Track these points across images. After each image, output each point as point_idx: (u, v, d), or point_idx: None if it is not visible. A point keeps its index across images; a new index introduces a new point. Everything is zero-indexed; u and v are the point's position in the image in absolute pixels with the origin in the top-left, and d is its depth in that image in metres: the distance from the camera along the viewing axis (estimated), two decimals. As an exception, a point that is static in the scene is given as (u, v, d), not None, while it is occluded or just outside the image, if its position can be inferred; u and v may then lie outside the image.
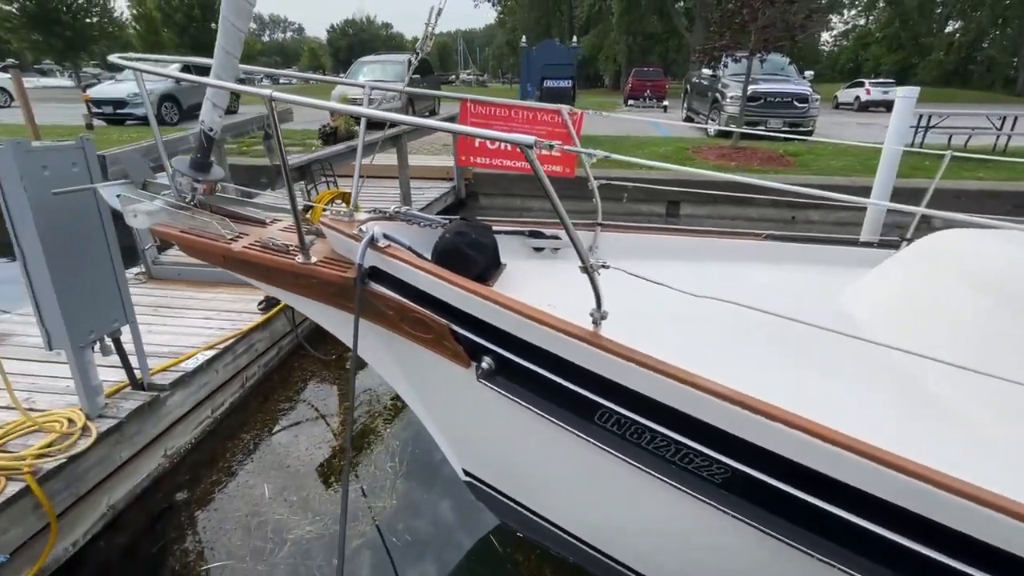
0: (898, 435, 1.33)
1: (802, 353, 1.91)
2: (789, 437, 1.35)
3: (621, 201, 3.81)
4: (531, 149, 1.43)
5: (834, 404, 1.66)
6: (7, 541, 2.23)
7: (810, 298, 2.38)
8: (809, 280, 2.58)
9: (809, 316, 1.61)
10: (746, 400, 1.41)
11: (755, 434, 1.42)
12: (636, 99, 22.14)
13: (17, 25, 27.97)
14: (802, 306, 2.29)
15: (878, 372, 1.83)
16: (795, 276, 2.63)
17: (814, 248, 2.82)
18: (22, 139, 2.37)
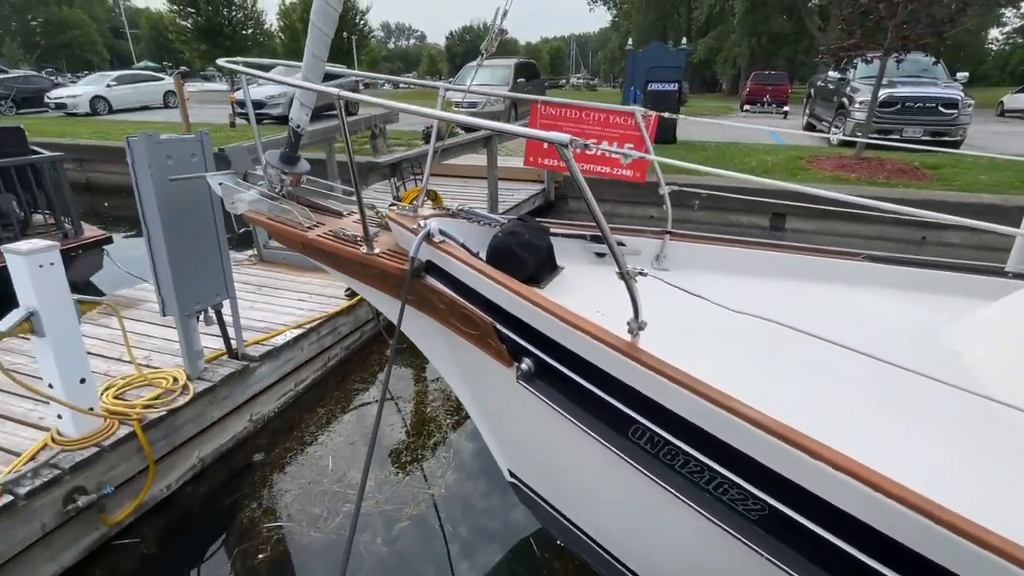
0: (991, 501, 1.11)
1: (881, 391, 1.67)
2: (844, 486, 1.18)
3: (693, 209, 3.58)
4: (566, 148, 1.39)
5: (916, 456, 1.44)
6: (114, 475, 2.60)
7: (906, 330, 2.08)
8: (910, 310, 2.25)
9: (902, 351, 1.40)
10: (790, 434, 1.27)
11: (800, 474, 1.27)
12: (754, 104, 20.77)
13: (190, 38, 32.57)
14: (894, 338, 2.02)
15: (986, 428, 1.55)
16: (894, 304, 2.31)
17: (924, 274, 2.45)
18: (152, 132, 2.74)
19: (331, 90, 1.83)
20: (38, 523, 2.30)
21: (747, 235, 7.26)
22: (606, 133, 2.59)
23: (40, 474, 2.32)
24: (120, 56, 53.70)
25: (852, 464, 1.17)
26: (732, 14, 31.43)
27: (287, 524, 2.82)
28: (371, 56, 41.52)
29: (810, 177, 7.99)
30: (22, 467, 2.35)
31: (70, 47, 50.55)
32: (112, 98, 18.62)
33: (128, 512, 2.67)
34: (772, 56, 36.25)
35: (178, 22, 32.66)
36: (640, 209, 7.51)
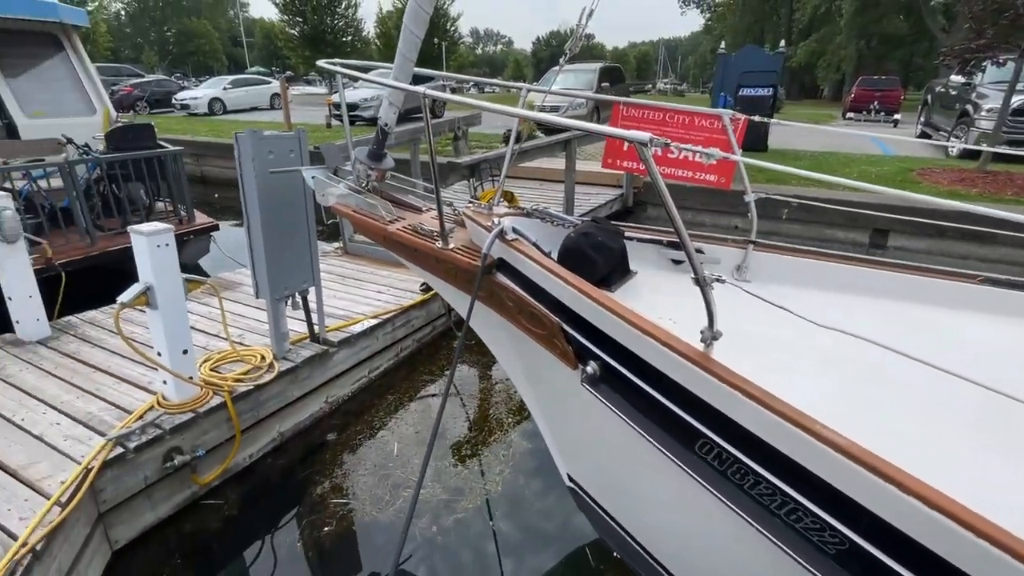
0: None
1: (991, 426, 1.49)
2: (938, 527, 1.06)
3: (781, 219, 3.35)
4: (645, 147, 1.35)
5: None
6: (206, 440, 2.85)
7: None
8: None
9: (1019, 385, 1.24)
10: (878, 463, 1.16)
11: (888, 509, 1.15)
12: (859, 111, 19.18)
13: (296, 44, 35.19)
14: (1011, 370, 1.78)
15: None
16: (1018, 333, 2.05)
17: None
18: (257, 129, 2.98)
19: (417, 89, 1.90)
20: (142, 475, 2.56)
21: (842, 251, 6.71)
22: (690, 136, 2.50)
23: (146, 432, 2.59)
24: (236, 62, 59.06)
25: (948, 503, 1.04)
26: (839, 15, 29.25)
27: (352, 502, 2.96)
28: (459, 61, 42.78)
29: (920, 191, 7.26)
30: (132, 424, 2.63)
31: (196, 54, 56.27)
32: (227, 100, 20.52)
33: (216, 475, 2.91)
34: (883, 59, 33.34)
35: (287, 30, 35.43)
36: (724, 219, 7.18)
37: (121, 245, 4.89)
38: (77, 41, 6.21)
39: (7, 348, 3.43)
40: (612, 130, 1.46)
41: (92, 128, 5.97)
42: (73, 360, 3.30)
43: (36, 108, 5.80)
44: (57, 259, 4.22)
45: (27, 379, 3.08)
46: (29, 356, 3.34)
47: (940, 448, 1.45)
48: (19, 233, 3.34)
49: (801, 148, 10.71)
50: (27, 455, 2.44)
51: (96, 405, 2.83)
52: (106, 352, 3.41)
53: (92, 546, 2.33)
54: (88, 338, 3.59)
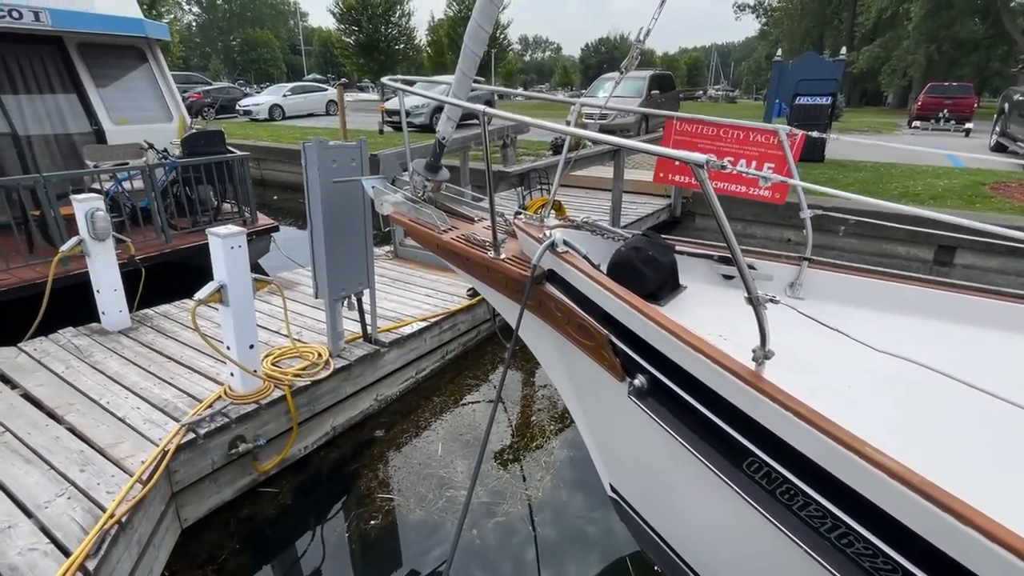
0: None
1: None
2: (1000, 562, 1.05)
3: (838, 236, 3.25)
4: (702, 168, 1.38)
5: None
6: (266, 431, 3.04)
7: None
8: None
9: None
10: (934, 492, 1.15)
11: (946, 541, 1.14)
12: (926, 120, 18.17)
13: (351, 52, 36.46)
14: None
15: None
16: None
17: None
18: (323, 138, 3.17)
19: (477, 107, 2.00)
20: (209, 460, 2.76)
21: (904, 269, 6.40)
22: (744, 151, 2.49)
23: (215, 420, 2.79)
24: (294, 69, 61.69)
25: (1009, 535, 1.03)
26: (907, 18, 27.82)
27: (397, 498, 3.08)
28: (507, 68, 43.26)
29: (993, 207, 6.85)
30: (202, 412, 2.84)
31: (258, 62, 59.14)
32: (286, 106, 21.49)
33: (274, 464, 3.10)
34: (955, 65, 31.49)
35: (343, 39, 36.79)
36: (776, 231, 6.99)
37: (191, 243, 5.25)
38: (159, 53, 6.71)
39: (94, 336, 3.75)
40: (669, 151, 1.50)
41: (169, 134, 6.43)
42: (150, 350, 3.58)
43: (121, 115, 6.31)
44: (137, 255, 4.57)
45: (111, 365, 3.37)
46: (113, 344, 3.64)
47: (1003, 479, 1.41)
48: (109, 232, 3.66)
49: (861, 159, 10.29)
50: (112, 435, 2.68)
51: (170, 392, 3.07)
52: (179, 344, 3.68)
53: (166, 522, 2.54)
54: (163, 330, 3.88)
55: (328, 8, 36.89)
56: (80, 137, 6.09)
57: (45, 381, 3.18)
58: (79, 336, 3.76)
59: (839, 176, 8.65)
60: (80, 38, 6.00)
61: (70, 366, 3.36)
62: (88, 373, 3.28)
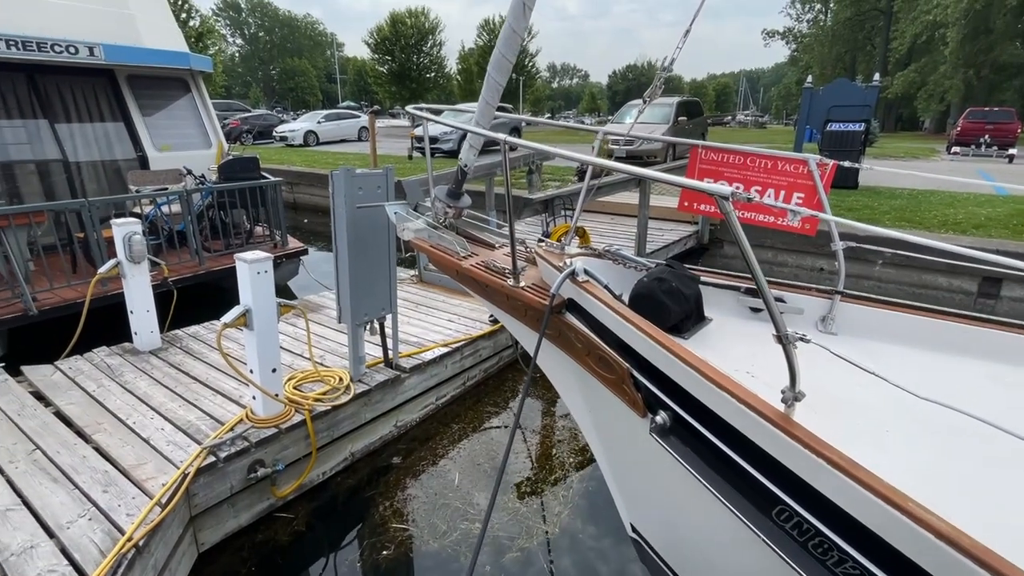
0: None
1: None
2: None
3: (874, 266, 3.12)
4: (727, 200, 1.34)
5: None
6: (286, 455, 3.04)
7: None
8: None
9: None
10: (987, 556, 1.06)
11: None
12: (966, 145, 17.66)
13: (384, 81, 37.74)
14: None
15: None
16: None
17: None
18: (351, 167, 3.23)
19: (498, 136, 2.00)
20: (228, 484, 2.77)
21: (946, 302, 6.14)
22: (772, 181, 2.43)
23: (235, 443, 2.80)
24: (329, 97, 64.05)
25: None
26: (943, 43, 27.32)
27: (412, 528, 3.02)
28: (535, 95, 44.01)
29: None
30: (224, 435, 2.86)
31: (295, 91, 61.67)
32: (320, 132, 22.23)
33: (292, 489, 3.09)
34: (995, 90, 30.66)
35: (377, 68, 38.15)
36: (808, 260, 6.80)
37: (223, 266, 5.40)
38: (202, 84, 7.05)
39: (126, 356, 3.85)
40: (693, 183, 1.47)
41: (208, 160, 6.70)
42: (178, 371, 3.65)
43: (164, 142, 6.60)
44: (171, 276, 4.72)
45: (140, 385, 3.44)
46: (143, 364, 3.74)
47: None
48: (144, 255, 3.79)
49: (896, 186, 10.00)
50: (136, 456, 2.71)
51: (194, 414, 3.11)
52: (205, 365, 3.74)
53: (183, 547, 2.54)
54: (191, 351, 3.97)
55: (363, 39, 38.50)
56: (125, 163, 6.39)
57: (77, 400, 3.27)
58: (112, 355, 3.86)
59: (874, 204, 8.41)
60: (130, 70, 6.35)
61: (101, 385, 3.45)
62: (118, 393, 3.35)
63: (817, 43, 38.59)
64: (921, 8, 27.70)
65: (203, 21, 33.60)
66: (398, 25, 35.82)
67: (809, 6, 40.35)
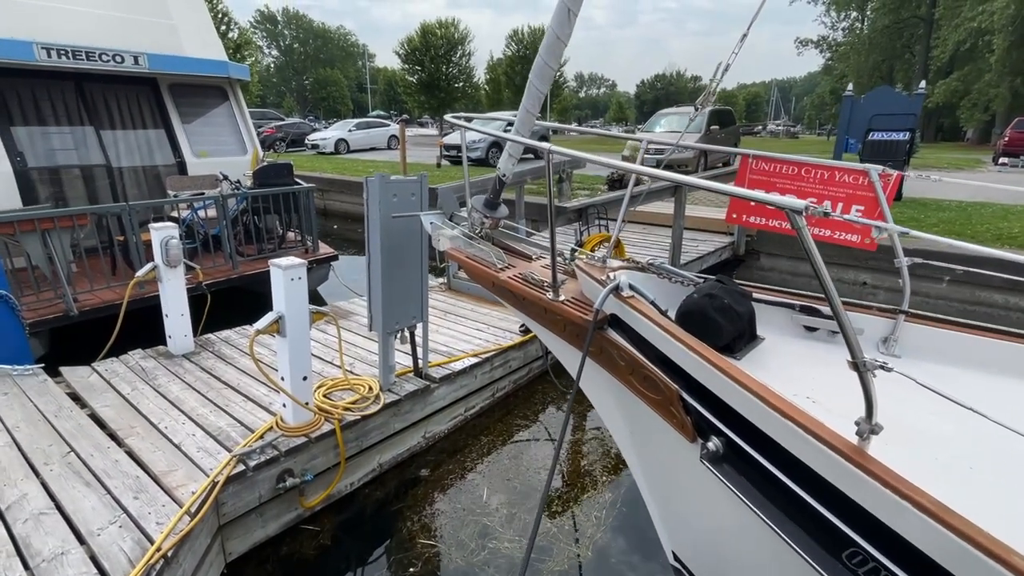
0: None
1: None
2: None
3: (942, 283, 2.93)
4: (800, 215, 1.23)
5: None
6: (314, 465, 2.99)
7: None
8: None
9: None
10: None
11: None
12: (1015, 155, 16.95)
13: (413, 90, 38.22)
14: None
15: None
16: None
17: None
18: (385, 173, 3.20)
19: (543, 145, 1.93)
20: (257, 493, 2.73)
21: (1003, 320, 5.80)
22: (829, 193, 2.29)
23: (265, 452, 2.77)
24: (360, 106, 65.31)
25: None
26: (989, 50, 26.32)
27: (439, 545, 2.94)
28: (562, 104, 44.03)
29: (1106, 253, 6.13)
30: (253, 443, 2.83)
31: (327, 100, 63.07)
32: (351, 140, 22.62)
33: (320, 500, 3.04)
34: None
35: (407, 78, 38.68)
36: (850, 273, 6.53)
37: (256, 270, 5.45)
38: (239, 92, 7.19)
39: (160, 359, 3.89)
40: (766, 196, 1.36)
41: (243, 166, 6.81)
42: (210, 375, 3.66)
43: (202, 148, 6.74)
44: (205, 280, 4.77)
45: (172, 389, 3.46)
46: (176, 368, 3.76)
47: None
48: (180, 259, 3.83)
49: (942, 198, 9.59)
50: (167, 462, 2.70)
51: (225, 420, 3.09)
52: (237, 371, 3.74)
53: (210, 556, 2.50)
54: (223, 356, 3.98)
55: (394, 50, 39.12)
56: (165, 168, 6.54)
57: (111, 402, 3.29)
58: (146, 358, 3.90)
59: (920, 216, 8.06)
60: (172, 79, 6.51)
61: (136, 387, 3.47)
62: (151, 396, 3.37)
63: (853, 52, 37.62)
64: (965, 15, 26.78)
65: (241, 33, 34.64)
66: (428, 36, 36.29)
67: (845, 14, 39.43)
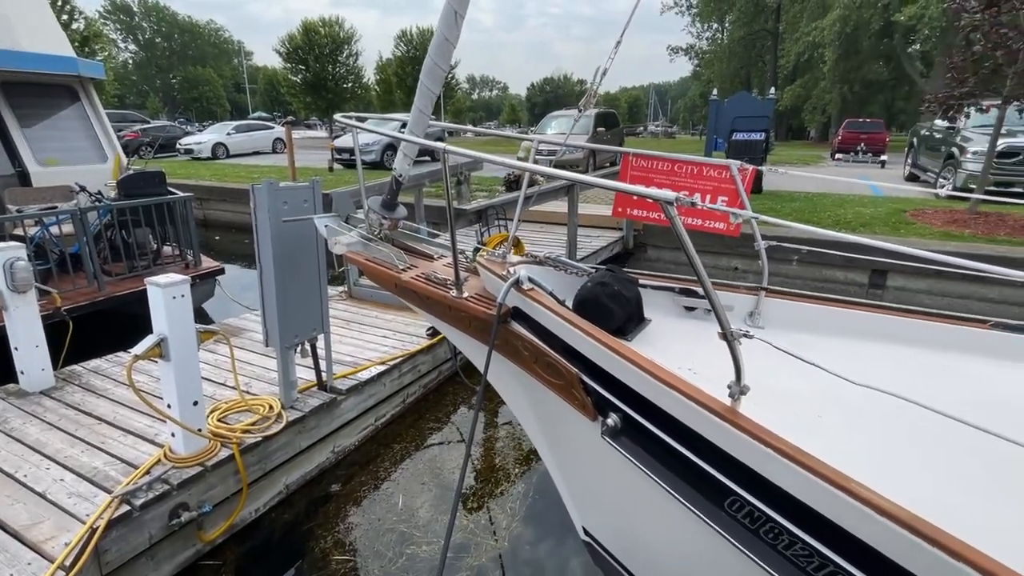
0: None
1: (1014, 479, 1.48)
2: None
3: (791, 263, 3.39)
4: (671, 205, 1.39)
5: None
6: (213, 495, 2.78)
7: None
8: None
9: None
10: (919, 524, 1.14)
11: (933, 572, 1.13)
12: (846, 152, 19.78)
13: (298, 91, 36.26)
14: None
15: None
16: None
17: None
18: (274, 179, 3.05)
19: (438, 145, 1.96)
20: (146, 534, 2.48)
21: (843, 292, 6.79)
22: (698, 186, 2.56)
23: (153, 488, 2.52)
24: (238, 107, 60.70)
25: (1001, 569, 1.03)
26: (822, 62, 30.45)
27: (355, 559, 2.87)
28: (456, 107, 44.10)
29: (915, 232, 7.39)
30: (139, 480, 2.57)
31: (199, 101, 57.84)
32: (230, 144, 20.95)
33: (221, 531, 2.82)
34: (866, 103, 34.54)
35: (290, 77, 36.58)
36: (723, 260, 7.26)
37: (128, 290, 4.90)
38: (93, 92, 6.40)
39: (10, 400, 3.38)
40: (640, 189, 1.50)
41: (104, 175, 6.08)
42: (78, 412, 3.25)
43: (50, 156, 5.92)
44: (64, 305, 4.21)
45: (30, 432, 3.02)
46: (33, 408, 3.29)
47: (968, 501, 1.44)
48: (30, 283, 3.35)
49: (795, 190, 10.95)
50: (30, 514, 2.37)
51: (101, 459, 2.77)
52: (112, 403, 3.36)
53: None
54: (93, 388, 3.55)
55: (274, 48, 36.75)
56: (1, 180, 5.65)
57: (-51, 454, 2.82)
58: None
59: (777, 207, 9.15)
60: (4, 76, 5.64)
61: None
62: (2, 443, 2.92)
63: (716, 59, 41.66)
64: (803, 29, 30.72)
65: (88, 24, 30.65)
66: (311, 34, 34.56)
67: (708, 25, 43.54)
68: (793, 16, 32.39)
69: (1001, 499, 1.46)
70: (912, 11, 21.65)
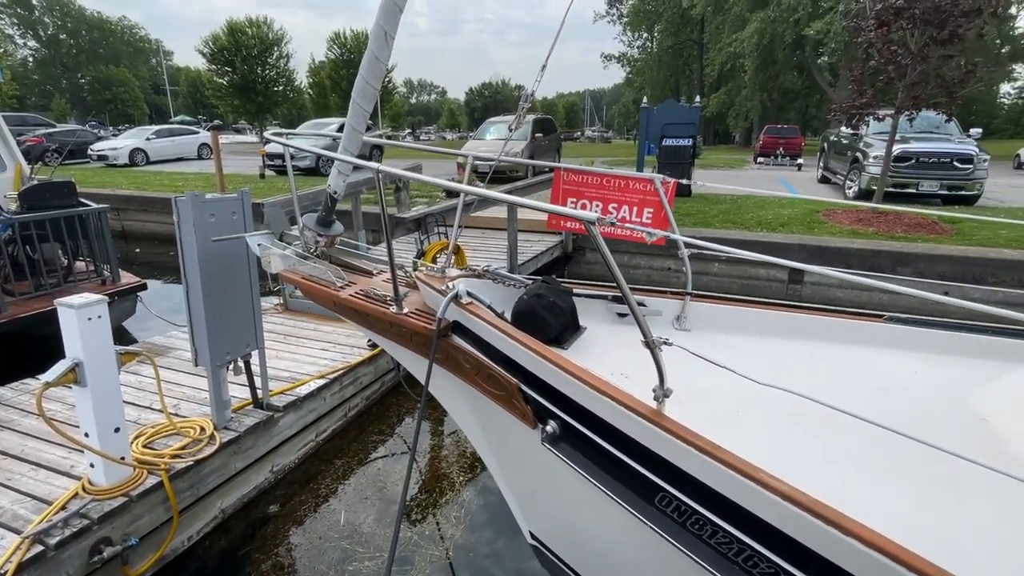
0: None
1: (912, 464, 1.67)
2: (877, 565, 1.18)
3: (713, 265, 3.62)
4: (593, 225, 1.48)
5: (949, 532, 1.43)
6: (139, 526, 2.63)
7: (932, 396, 2.08)
8: (936, 374, 2.24)
9: (926, 418, 1.42)
10: (819, 508, 1.28)
11: (832, 551, 1.27)
12: (767, 156, 21.18)
13: (224, 94, 34.49)
14: (919, 405, 2.01)
15: (1011, 496, 1.54)
16: (920, 367, 2.31)
17: (951, 336, 2.44)
18: (199, 192, 2.93)
19: (372, 165, 1.97)
20: (63, 574, 2.32)
21: (765, 288, 7.29)
22: (626, 198, 2.70)
23: (70, 524, 2.36)
24: (159, 110, 57.02)
25: (883, 541, 1.17)
26: (743, 71, 32.40)
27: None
28: (394, 111, 43.40)
29: (827, 231, 8.04)
30: (53, 516, 2.39)
31: (113, 103, 53.82)
32: (150, 150, 19.65)
33: (149, 564, 2.67)
34: (783, 110, 37.12)
35: (215, 79, 34.72)
36: (658, 261, 7.59)
37: (34, 310, 4.53)
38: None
39: None
40: (564, 210, 1.58)
41: (3, 186, 5.57)
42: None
43: (-65, 166, 5.36)
44: (-42, 332, 3.84)
45: (-78, 473, 2.74)
46: (-76, 446, 2.98)
47: (865, 484, 1.61)
48: (-82, 308, 3.04)
49: (722, 193, 11.60)
50: (-75, 564, 2.16)
51: (8, 498, 2.56)
52: (18, 435, 3.10)
53: (4, 664, 2.07)
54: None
55: (197, 48, 34.77)
56: None
57: None
58: None
59: (705, 209, 9.67)
60: None
61: None
62: None
63: (647, 67, 43.38)
64: (725, 40, 32.57)
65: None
66: (237, 35, 32.96)
67: (638, 34, 45.26)
68: (716, 27, 34.24)
69: (889, 480, 1.65)
70: (819, 26, 23.47)
